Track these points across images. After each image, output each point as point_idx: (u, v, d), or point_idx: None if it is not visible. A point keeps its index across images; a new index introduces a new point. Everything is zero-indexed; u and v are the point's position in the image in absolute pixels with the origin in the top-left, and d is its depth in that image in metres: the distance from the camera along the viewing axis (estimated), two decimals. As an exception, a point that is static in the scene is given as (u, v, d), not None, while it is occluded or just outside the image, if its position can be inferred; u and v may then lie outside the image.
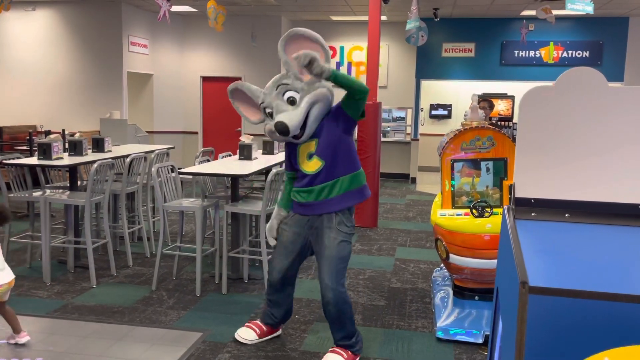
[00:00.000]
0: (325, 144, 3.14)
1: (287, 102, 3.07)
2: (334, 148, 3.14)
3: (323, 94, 3.09)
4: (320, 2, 9.48)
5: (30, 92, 10.02)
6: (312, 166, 3.17)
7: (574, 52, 10.41)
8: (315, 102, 3.07)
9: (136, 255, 5.36)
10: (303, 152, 3.21)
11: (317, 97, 3.07)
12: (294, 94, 3.07)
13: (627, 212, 1.63)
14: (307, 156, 3.19)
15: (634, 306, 1.18)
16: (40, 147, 4.86)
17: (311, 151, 3.18)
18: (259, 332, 3.57)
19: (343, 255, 3.22)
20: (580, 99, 1.63)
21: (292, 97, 3.07)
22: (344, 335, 3.28)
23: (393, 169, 11.25)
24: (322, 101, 3.09)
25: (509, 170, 3.82)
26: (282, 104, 3.08)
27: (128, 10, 9.81)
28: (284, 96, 3.08)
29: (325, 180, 3.15)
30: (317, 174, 3.16)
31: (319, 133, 3.16)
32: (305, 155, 3.20)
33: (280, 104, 3.08)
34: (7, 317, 3.37)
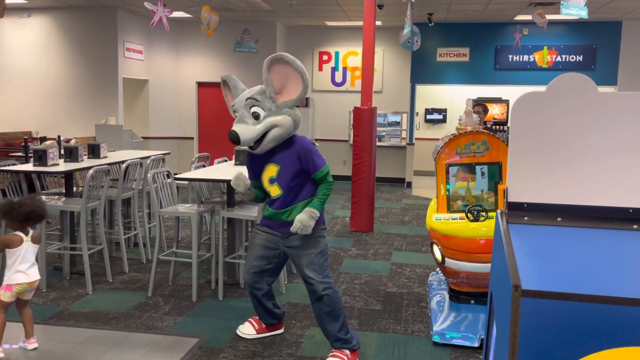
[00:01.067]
0: (284, 176, 3.29)
1: (251, 115, 3.22)
2: (292, 181, 3.28)
3: (286, 122, 3.22)
4: (315, 8, 9.52)
5: (26, 99, 10.01)
6: (273, 191, 3.34)
7: (567, 56, 10.47)
8: (274, 126, 3.21)
9: (132, 261, 5.35)
10: (266, 174, 3.36)
11: (279, 122, 3.21)
12: (260, 110, 3.21)
13: (619, 216, 1.64)
14: (269, 180, 3.34)
15: (625, 309, 1.20)
16: (36, 153, 4.85)
17: (272, 176, 3.33)
18: (257, 328, 3.70)
19: (321, 249, 3.35)
20: (571, 105, 1.65)
21: (256, 112, 3.21)
22: (339, 329, 3.31)
23: (388, 174, 11.28)
24: (282, 127, 3.22)
25: (503, 174, 3.84)
26: (245, 115, 3.22)
27: (123, 16, 9.82)
28: (251, 109, 3.22)
29: (282, 206, 3.32)
30: (276, 199, 3.34)
31: (281, 161, 3.30)
32: (267, 178, 3.35)
33: (244, 115, 3.23)
34: (24, 318, 3.44)
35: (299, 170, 3.26)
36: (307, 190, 3.32)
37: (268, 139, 3.22)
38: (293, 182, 3.27)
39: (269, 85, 3.23)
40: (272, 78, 3.21)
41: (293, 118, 3.26)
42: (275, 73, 3.21)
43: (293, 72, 3.19)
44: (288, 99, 3.25)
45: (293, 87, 3.23)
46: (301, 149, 3.28)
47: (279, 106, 3.23)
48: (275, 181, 3.31)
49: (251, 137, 3.19)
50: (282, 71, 3.20)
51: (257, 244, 3.45)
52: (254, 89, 3.31)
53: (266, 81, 3.22)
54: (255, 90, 3.28)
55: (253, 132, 3.18)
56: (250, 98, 3.23)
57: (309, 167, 3.26)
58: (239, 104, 3.28)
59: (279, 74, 3.21)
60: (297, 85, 3.21)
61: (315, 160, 3.26)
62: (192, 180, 4.71)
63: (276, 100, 3.23)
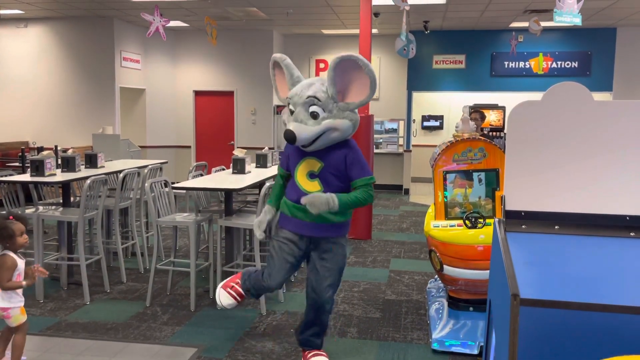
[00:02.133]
0: (329, 174, 3.16)
1: (309, 114, 3.06)
2: (336, 181, 3.16)
3: (345, 125, 3.09)
4: (312, 16, 9.56)
5: (23, 109, 10.01)
6: (311, 187, 3.17)
7: (563, 62, 10.53)
8: (333, 129, 3.07)
9: (130, 270, 5.34)
10: (305, 167, 3.20)
11: (338, 126, 3.07)
12: (320, 111, 3.05)
13: (616, 224, 1.65)
14: (308, 175, 3.19)
15: (623, 316, 1.20)
16: (33, 163, 4.85)
17: (314, 171, 3.18)
18: (239, 299, 3.47)
19: (343, 267, 3.33)
20: (567, 113, 1.67)
21: (316, 112, 3.05)
22: (323, 331, 3.41)
23: (386, 181, 11.29)
24: (340, 130, 3.09)
25: (501, 181, 3.85)
26: (302, 113, 3.06)
27: (120, 25, 9.85)
28: (310, 108, 3.06)
29: None
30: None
31: (326, 159, 3.16)
32: (306, 172, 3.20)
33: (301, 112, 3.06)
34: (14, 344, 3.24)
35: (343, 174, 3.15)
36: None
37: (323, 141, 3.08)
38: (336, 181, 3.14)
39: (333, 85, 3.06)
40: (338, 77, 3.05)
41: (353, 123, 3.12)
42: (342, 73, 3.04)
43: (363, 75, 3.02)
44: (350, 102, 3.09)
45: (359, 90, 3.06)
46: (351, 152, 3.16)
47: (341, 108, 3.08)
48: (316, 177, 3.16)
49: (307, 138, 3.04)
50: (350, 72, 3.04)
51: (285, 258, 3.27)
52: (314, 83, 3.12)
53: (331, 80, 3.05)
54: (316, 87, 3.09)
55: (310, 133, 3.03)
56: (312, 97, 3.05)
57: (351, 172, 3.13)
58: (297, 98, 3.10)
59: (346, 75, 3.04)
60: (364, 89, 3.04)
61: (361, 168, 3.16)
62: (190, 189, 4.71)
63: (338, 102, 3.09)
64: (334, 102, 3.07)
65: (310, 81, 3.16)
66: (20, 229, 3.20)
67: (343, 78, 3.05)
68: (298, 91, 3.11)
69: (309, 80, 3.19)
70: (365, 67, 2.99)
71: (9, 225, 3.17)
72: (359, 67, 3.00)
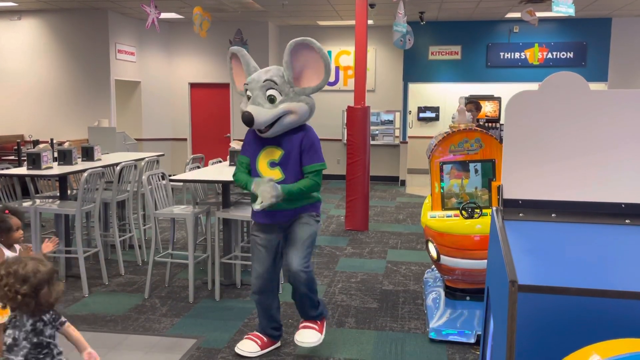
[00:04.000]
0: (289, 160, 3.20)
1: (267, 98, 3.11)
2: (296, 166, 3.21)
3: (302, 109, 3.15)
4: (307, 7, 9.53)
5: (18, 102, 9.96)
6: (272, 174, 3.21)
7: (558, 53, 10.54)
8: (290, 112, 3.13)
9: (128, 263, 5.35)
10: (265, 156, 3.24)
11: (295, 109, 3.13)
12: (277, 94, 3.11)
13: (612, 211, 1.67)
14: (269, 164, 3.23)
15: (620, 301, 1.22)
16: (30, 156, 4.84)
17: (274, 159, 3.22)
18: (260, 344, 3.47)
19: (309, 235, 3.28)
20: (564, 103, 1.68)
21: (273, 96, 3.11)
22: (312, 307, 3.41)
23: (382, 172, 11.31)
24: (297, 114, 3.15)
25: (497, 171, 3.87)
26: (260, 97, 3.11)
27: (114, 17, 9.80)
28: (267, 92, 3.12)
29: None
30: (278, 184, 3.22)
31: (286, 146, 3.20)
32: (266, 161, 3.24)
33: (259, 96, 3.12)
34: None
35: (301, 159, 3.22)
36: None
37: (281, 124, 3.13)
38: (297, 167, 3.19)
39: (289, 69, 3.12)
40: (293, 62, 3.12)
41: (310, 106, 3.18)
42: (297, 57, 3.11)
43: (318, 59, 3.10)
44: (307, 86, 3.16)
45: (315, 74, 3.14)
46: (306, 138, 3.21)
47: (297, 92, 3.14)
48: (277, 165, 3.21)
49: (265, 120, 3.09)
50: (305, 57, 3.11)
51: (262, 252, 3.34)
52: (270, 69, 3.20)
53: (287, 64, 3.12)
54: (273, 72, 3.16)
55: (268, 115, 3.08)
56: (269, 80, 3.11)
57: (304, 157, 3.19)
58: (254, 83, 3.15)
59: (302, 59, 3.11)
60: (319, 74, 3.13)
61: (314, 153, 3.21)
62: (187, 181, 4.71)
63: (294, 86, 3.14)
64: (291, 87, 3.14)
65: (268, 68, 3.25)
66: (17, 223, 3.19)
67: (299, 62, 3.13)
68: (255, 77, 3.18)
69: (267, 68, 3.26)
70: (320, 51, 3.10)
71: (7, 219, 3.16)
72: (314, 51, 3.09)
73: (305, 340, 3.39)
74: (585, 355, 1.11)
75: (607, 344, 1.12)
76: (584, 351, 1.12)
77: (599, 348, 1.11)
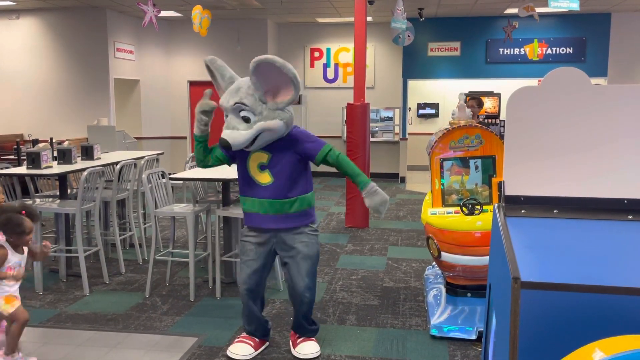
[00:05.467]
0: (278, 164, 3.20)
1: (241, 119, 3.10)
2: (287, 170, 3.21)
3: (277, 126, 3.11)
4: (306, 4, 9.51)
5: (16, 101, 9.95)
6: (263, 178, 3.22)
7: (557, 48, 10.53)
8: (266, 130, 3.10)
9: (128, 262, 5.34)
10: (254, 160, 3.25)
11: (270, 127, 3.10)
12: (250, 115, 3.09)
13: (614, 207, 1.67)
14: (259, 166, 3.24)
15: (623, 297, 1.22)
16: (29, 156, 4.83)
17: (263, 162, 3.23)
18: (253, 345, 3.47)
19: (314, 254, 3.35)
20: (565, 98, 1.67)
21: (246, 116, 3.10)
22: (310, 325, 3.51)
23: (382, 169, 11.31)
24: (273, 131, 3.12)
25: (497, 167, 3.86)
26: (234, 120, 3.10)
27: (113, 16, 9.77)
28: (240, 113, 3.11)
29: (279, 196, 3.21)
30: (268, 187, 3.22)
31: (273, 149, 3.20)
32: (256, 164, 3.24)
33: (233, 119, 3.11)
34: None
35: (296, 161, 3.22)
36: (304, 183, 3.28)
37: (262, 139, 3.13)
38: (287, 170, 3.20)
39: (258, 88, 3.09)
40: (260, 81, 3.07)
41: (285, 121, 3.13)
42: (263, 76, 3.06)
43: (283, 75, 3.03)
44: (279, 101, 3.11)
45: (284, 89, 3.10)
46: (296, 141, 3.22)
47: (270, 107, 3.10)
48: (266, 168, 3.21)
49: (242, 142, 3.08)
50: (270, 74, 3.05)
51: (252, 256, 3.34)
52: (240, 87, 3.13)
53: (255, 85, 3.08)
54: (243, 92, 3.10)
55: (244, 137, 3.07)
56: (239, 103, 3.09)
57: (309, 152, 3.21)
58: (226, 104, 3.14)
59: (268, 77, 3.06)
60: (287, 89, 3.09)
61: (314, 142, 3.24)
62: (187, 180, 4.71)
63: (267, 102, 3.10)
64: (263, 104, 3.10)
65: (237, 85, 3.17)
66: (30, 226, 3.17)
67: (265, 80, 3.07)
68: (227, 97, 3.16)
69: (236, 84, 3.19)
70: (283, 67, 3.01)
71: (23, 223, 3.13)
72: (276, 68, 3.02)
73: (307, 352, 3.42)
74: (588, 352, 1.11)
75: (610, 340, 1.12)
76: (587, 348, 1.12)
77: (603, 345, 1.11)
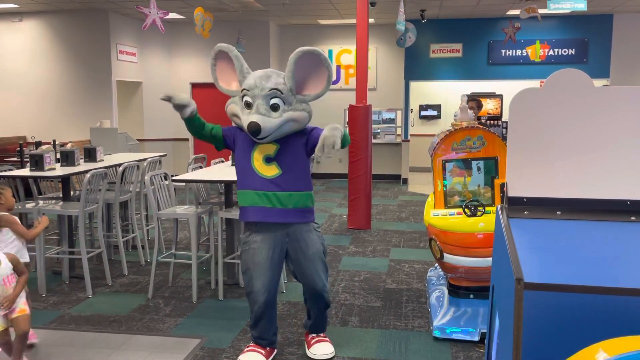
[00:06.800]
0: (287, 156, 3.17)
1: (270, 106, 3.07)
2: (295, 162, 3.19)
3: (303, 117, 3.15)
4: (308, 6, 9.52)
5: (20, 103, 9.97)
6: (268, 171, 3.16)
7: (559, 50, 10.52)
8: (293, 120, 3.11)
9: (131, 263, 5.35)
10: (260, 152, 3.18)
11: (297, 118, 3.12)
12: (281, 103, 3.08)
13: (617, 208, 1.67)
14: (264, 159, 3.18)
15: (625, 299, 1.22)
16: (32, 158, 4.85)
17: (269, 155, 3.17)
18: (265, 353, 3.36)
19: (323, 251, 3.36)
20: (568, 100, 1.68)
21: (277, 104, 3.08)
22: (324, 322, 3.53)
23: (384, 170, 11.31)
24: (298, 122, 3.14)
25: (499, 168, 3.86)
26: (263, 106, 3.06)
27: (115, 18, 9.80)
28: (271, 100, 3.07)
29: (285, 189, 3.15)
30: (274, 180, 3.15)
31: (282, 141, 3.17)
32: (262, 157, 3.18)
33: (262, 105, 3.06)
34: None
35: (302, 155, 3.20)
36: (306, 180, 3.25)
37: (281, 131, 3.11)
38: (296, 163, 3.18)
39: (292, 78, 3.09)
40: (296, 71, 3.09)
41: (309, 114, 3.18)
42: (301, 67, 3.08)
43: (322, 69, 3.09)
44: (307, 94, 3.16)
45: (317, 83, 3.13)
46: (308, 134, 3.19)
47: (299, 100, 3.13)
48: (273, 160, 3.17)
49: (271, 129, 3.05)
50: (310, 66, 3.09)
51: (263, 260, 3.21)
52: (270, 76, 3.12)
53: (292, 74, 3.08)
54: (274, 79, 3.09)
55: (274, 123, 3.05)
56: (275, 89, 3.06)
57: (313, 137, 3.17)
58: (257, 91, 3.08)
59: (305, 68, 3.08)
60: (321, 83, 3.13)
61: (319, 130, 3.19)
62: (190, 181, 4.71)
63: (296, 94, 3.13)
64: (293, 95, 3.12)
65: (266, 73, 3.16)
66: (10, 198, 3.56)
67: (302, 71, 3.09)
68: (257, 83, 3.09)
69: (262, 71, 3.18)
70: (325, 62, 3.08)
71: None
72: (320, 61, 3.07)
73: (322, 353, 3.42)
74: (592, 352, 1.11)
75: (614, 341, 1.12)
76: (591, 349, 1.12)
77: (606, 346, 1.11)
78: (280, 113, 3.08)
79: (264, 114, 3.06)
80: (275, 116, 3.07)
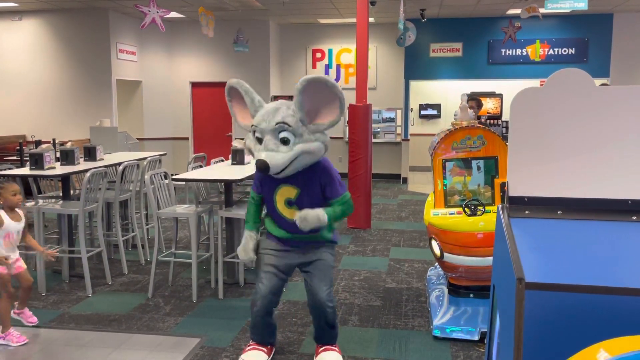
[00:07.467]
0: (306, 200, 3.12)
1: (279, 140, 2.96)
2: (313, 205, 3.10)
3: (317, 148, 3.01)
4: (308, 5, 9.52)
5: (19, 102, 9.97)
6: (289, 214, 3.14)
7: (559, 49, 10.52)
8: (306, 153, 2.99)
9: (131, 262, 5.35)
10: (282, 195, 3.16)
11: (310, 149, 2.99)
12: (290, 136, 2.94)
13: (618, 208, 1.67)
14: (286, 202, 3.15)
15: (627, 298, 1.22)
16: (32, 157, 4.84)
17: (290, 198, 3.14)
18: (266, 351, 3.38)
19: (331, 262, 3.32)
20: (569, 99, 1.67)
21: (286, 138, 2.95)
22: (332, 334, 3.37)
23: (384, 170, 11.30)
24: (312, 154, 3.01)
25: (499, 168, 3.86)
26: (272, 141, 2.95)
27: (115, 17, 9.79)
28: (280, 134, 2.94)
29: (303, 232, 3.11)
30: (294, 224, 3.07)
31: (301, 184, 3.11)
32: (283, 200, 3.16)
33: (271, 140, 2.95)
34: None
35: (321, 196, 3.13)
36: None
37: (296, 165, 2.98)
38: (316, 205, 3.08)
39: (301, 108, 2.95)
40: (305, 100, 2.94)
41: (325, 144, 3.04)
42: (310, 95, 2.93)
43: (332, 96, 2.93)
44: (320, 123, 2.99)
45: (329, 111, 2.98)
46: (323, 173, 3.12)
47: (311, 130, 2.98)
48: (294, 204, 3.12)
49: (281, 165, 2.93)
50: (318, 94, 2.92)
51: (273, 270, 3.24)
52: (279, 108, 2.99)
53: (300, 104, 2.94)
54: (283, 112, 2.96)
55: (284, 159, 2.92)
56: (281, 123, 2.93)
57: (327, 192, 3.12)
58: (265, 125, 2.96)
59: (314, 97, 2.93)
60: (334, 110, 2.96)
61: (336, 187, 3.13)
62: (190, 180, 4.71)
63: (307, 124, 2.97)
64: (304, 126, 2.96)
65: (275, 106, 3.05)
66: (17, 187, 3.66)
67: (311, 100, 2.94)
68: (265, 117, 2.98)
69: (273, 105, 3.08)
70: (334, 87, 2.91)
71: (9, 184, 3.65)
72: (327, 88, 2.91)
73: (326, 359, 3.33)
74: (593, 352, 1.11)
75: (615, 341, 1.12)
76: (592, 349, 1.12)
77: (607, 345, 1.11)
78: (291, 147, 2.95)
79: (273, 149, 2.94)
80: (285, 150, 2.94)
